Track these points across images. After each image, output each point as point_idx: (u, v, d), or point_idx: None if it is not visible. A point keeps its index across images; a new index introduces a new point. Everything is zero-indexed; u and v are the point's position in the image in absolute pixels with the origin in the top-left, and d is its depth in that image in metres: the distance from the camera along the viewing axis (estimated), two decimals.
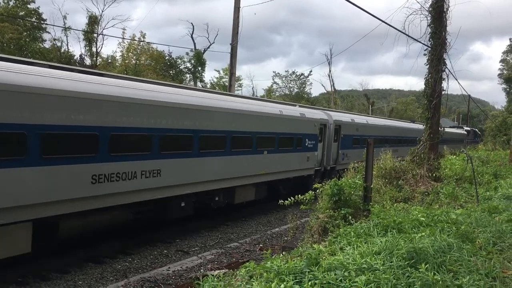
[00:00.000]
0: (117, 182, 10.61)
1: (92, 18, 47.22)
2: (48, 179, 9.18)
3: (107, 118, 10.34)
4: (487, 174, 15.85)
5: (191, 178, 13.25)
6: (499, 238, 6.93)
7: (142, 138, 11.43)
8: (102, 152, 10.22)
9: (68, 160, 9.57)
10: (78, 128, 9.72)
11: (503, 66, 69.70)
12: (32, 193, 8.89)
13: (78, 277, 10.18)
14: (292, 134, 18.65)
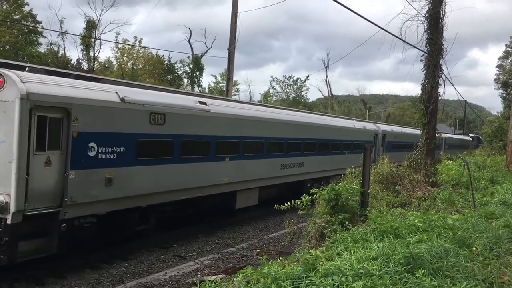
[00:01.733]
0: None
1: (89, 23, 47.24)
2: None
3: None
4: (483, 180, 15.87)
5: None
6: (496, 244, 6.93)
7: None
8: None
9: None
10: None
11: (499, 71, 70.01)
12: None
13: (74, 282, 10.13)
14: (360, 141, 25.26)
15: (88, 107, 10.18)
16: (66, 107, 9.70)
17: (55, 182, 9.63)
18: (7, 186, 8.80)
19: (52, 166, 9.57)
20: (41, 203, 9.36)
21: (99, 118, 10.50)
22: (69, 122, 9.77)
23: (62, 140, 9.73)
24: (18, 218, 8.90)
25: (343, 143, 23.78)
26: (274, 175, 17.97)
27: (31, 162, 9.12)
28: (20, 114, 8.82)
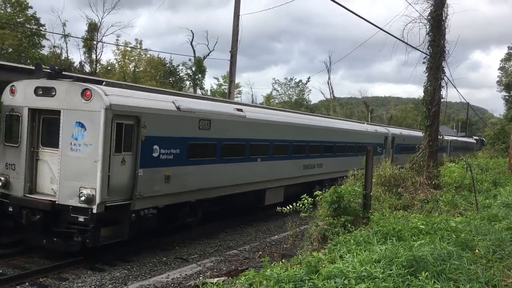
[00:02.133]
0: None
1: (91, 26, 47.36)
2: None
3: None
4: (486, 182, 15.84)
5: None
6: (499, 246, 6.91)
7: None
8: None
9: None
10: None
11: (502, 73, 69.91)
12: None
13: (76, 284, 10.13)
14: (372, 143, 25.22)
15: (153, 115, 12.05)
16: (137, 115, 11.57)
17: (128, 179, 11.46)
18: (93, 182, 10.62)
19: (126, 165, 11.39)
20: (117, 196, 11.16)
21: (161, 124, 12.33)
22: (139, 128, 11.61)
23: (133, 143, 11.55)
24: (101, 208, 10.69)
25: (357, 145, 25.08)
26: (297, 175, 19.64)
27: (111, 161, 10.92)
28: (104, 122, 10.65)
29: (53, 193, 11.25)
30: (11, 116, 11.89)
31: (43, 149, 11.61)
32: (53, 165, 11.31)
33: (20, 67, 14.52)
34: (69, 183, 10.90)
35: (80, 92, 10.88)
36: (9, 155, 11.88)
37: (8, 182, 11.73)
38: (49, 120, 11.54)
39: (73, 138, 10.92)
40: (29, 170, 11.55)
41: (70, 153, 10.96)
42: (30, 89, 11.54)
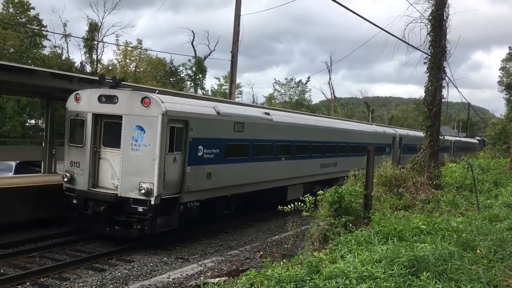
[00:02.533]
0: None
1: (92, 26, 47.40)
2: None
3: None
4: (487, 182, 15.82)
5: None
6: (500, 246, 6.90)
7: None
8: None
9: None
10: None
11: (503, 73, 69.88)
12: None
13: (77, 284, 10.14)
14: (381, 144, 28.46)
15: (198, 119, 13.75)
16: (186, 120, 13.26)
17: (178, 175, 13.12)
18: (151, 177, 12.23)
19: (176, 163, 13.06)
20: (170, 190, 12.80)
21: (204, 127, 14.02)
22: (187, 131, 13.26)
23: (182, 144, 13.20)
24: (157, 200, 12.29)
25: (369, 145, 26.20)
26: (315, 173, 21.22)
27: (166, 160, 12.53)
28: (161, 125, 12.28)
29: (113, 187, 12.90)
30: (76, 120, 13.59)
31: (104, 149, 13.33)
32: (113, 163, 12.98)
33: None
34: (129, 178, 12.53)
35: (140, 100, 12.52)
36: (73, 154, 13.56)
37: (73, 177, 13.36)
38: (110, 124, 13.22)
39: (134, 139, 12.56)
40: (92, 167, 13.22)
41: (131, 152, 12.58)
42: (94, 97, 13.17)
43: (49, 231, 13.99)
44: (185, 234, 14.59)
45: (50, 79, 14.67)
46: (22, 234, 13.35)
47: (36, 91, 17.43)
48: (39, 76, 14.36)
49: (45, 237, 13.51)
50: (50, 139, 17.40)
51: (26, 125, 43.55)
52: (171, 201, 12.89)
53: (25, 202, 13.86)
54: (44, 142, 17.55)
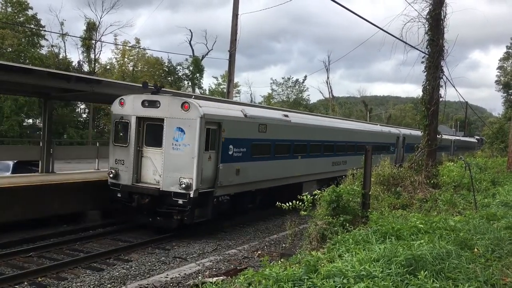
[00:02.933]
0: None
1: (90, 25, 47.30)
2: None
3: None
4: (485, 181, 15.84)
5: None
6: (498, 245, 6.92)
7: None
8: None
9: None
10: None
11: (500, 73, 70.00)
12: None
13: (75, 284, 10.12)
14: (386, 143, 30.41)
15: (229, 121, 15.23)
16: (219, 122, 14.69)
17: (212, 171, 14.57)
18: (191, 173, 13.70)
19: (211, 161, 14.52)
20: (206, 185, 14.27)
21: (234, 128, 15.49)
22: (220, 132, 14.70)
23: (216, 143, 14.63)
24: (196, 194, 13.76)
25: (375, 145, 27.18)
26: (327, 170, 22.43)
27: (203, 158, 13.97)
28: (199, 127, 13.73)
29: (155, 182, 14.36)
30: (120, 122, 15.08)
31: (147, 148, 14.77)
32: (155, 161, 14.45)
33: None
34: (171, 174, 13.95)
35: (180, 104, 13.96)
36: (118, 153, 14.94)
37: (117, 174, 14.77)
38: (152, 126, 14.60)
39: (174, 140, 13.99)
40: (136, 164, 14.65)
41: (172, 151, 14.02)
42: (138, 101, 14.60)
43: (47, 231, 13.99)
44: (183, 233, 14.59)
45: (48, 79, 14.65)
46: (20, 234, 13.34)
47: (34, 90, 17.41)
48: (37, 75, 14.34)
49: (43, 236, 13.51)
50: (48, 139, 17.37)
51: (23, 124, 43.50)
52: (207, 194, 14.38)
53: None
54: (42, 142, 17.52)
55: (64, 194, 15.10)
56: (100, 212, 16.34)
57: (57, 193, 14.89)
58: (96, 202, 16.07)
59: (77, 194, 15.55)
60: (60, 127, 42.14)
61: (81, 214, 15.85)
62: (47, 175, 16.64)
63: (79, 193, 15.63)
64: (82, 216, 15.83)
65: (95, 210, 16.22)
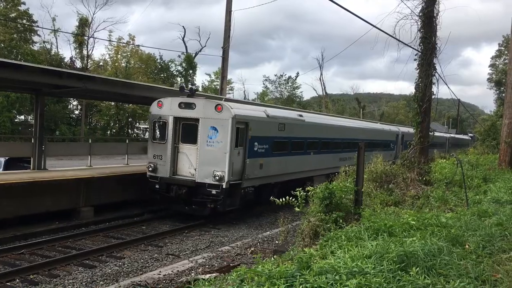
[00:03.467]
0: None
1: (82, 21, 46.96)
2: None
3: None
4: (476, 178, 15.94)
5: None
6: (489, 242, 6.96)
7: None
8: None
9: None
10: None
11: (492, 70, 70.41)
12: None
13: (67, 281, 10.08)
14: (387, 140, 32.25)
15: (255, 121, 16.87)
16: (247, 121, 16.36)
17: (241, 165, 16.21)
18: (223, 167, 15.39)
19: (240, 156, 16.14)
20: (235, 177, 15.92)
21: (258, 127, 17.07)
22: (247, 130, 16.36)
23: (244, 140, 16.26)
24: (227, 185, 15.47)
25: (377, 141, 29.86)
26: (335, 165, 22.60)
27: (233, 153, 15.63)
28: (231, 126, 15.42)
29: (190, 175, 16.08)
30: (158, 122, 16.78)
31: (182, 145, 16.48)
32: (190, 156, 16.18)
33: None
34: (205, 167, 15.65)
35: (213, 106, 15.68)
36: (156, 149, 16.66)
37: (156, 167, 16.45)
38: (188, 125, 16.31)
39: (208, 137, 15.67)
40: (173, 159, 16.38)
41: (206, 147, 15.73)
42: (175, 103, 16.39)
43: (39, 228, 13.92)
44: (176, 230, 14.54)
45: (39, 75, 14.56)
46: (11, 231, 13.27)
47: (26, 86, 17.27)
48: (29, 71, 14.26)
49: (35, 234, 13.44)
50: (40, 135, 17.26)
51: (15, 121, 43.17)
52: (236, 186, 16.04)
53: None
54: (34, 138, 17.41)
55: (56, 191, 15.03)
56: (93, 208, 16.28)
57: (49, 190, 14.81)
58: (90, 199, 16.04)
59: (69, 191, 15.48)
60: (52, 123, 41.89)
61: (74, 211, 15.77)
62: (39, 172, 16.54)
63: (72, 190, 15.56)
64: (75, 213, 15.76)
65: (88, 207, 16.15)
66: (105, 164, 20.82)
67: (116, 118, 50.55)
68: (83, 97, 33.82)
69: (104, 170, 18.13)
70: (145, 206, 18.10)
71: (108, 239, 13.82)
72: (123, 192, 17.76)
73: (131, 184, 18.09)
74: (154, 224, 16.15)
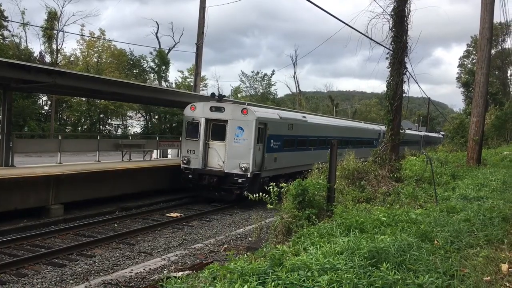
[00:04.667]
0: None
1: (51, 14, 45.88)
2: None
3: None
4: (445, 175, 16.23)
5: None
6: (457, 237, 7.09)
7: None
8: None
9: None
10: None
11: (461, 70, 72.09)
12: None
13: (35, 280, 9.87)
14: (371, 138, 35.38)
15: (271, 122, 20.38)
16: (266, 122, 19.86)
17: (261, 159, 19.72)
18: (248, 160, 18.89)
19: (260, 151, 19.65)
20: (257, 168, 19.39)
21: (274, 127, 20.52)
22: (266, 130, 19.83)
23: (263, 138, 19.71)
24: (251, 175, 18.92)
25: (365, 139, 34.07)
26: None
27: (255, 149, 19.09)
28: (255, 127, 18.92)
29: (219, 167, 19.51)
30: (192, 123, 20.08)
31: (212, 142, 19.86)
32: (219, 151, 19.61)
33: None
34: (232, 160, 19.10)
35: (240, 110, 19.25)
36: (189, 145, 20.02)
37: (189, 160, 19.83)
38: (217, 125, 19.66)
39: (235, 135, 19.07)
40: (204, 153, 19.77)
41: (233, 144, 19.13)
42: (207, 107, 19.84)
43: (6, 226, 13.58)
44: (149, 227, 14.37)
45: (7, 69, 14.17)
46: None
47: None
48: None
49: (2, 232, 13.12)
50: (7, 131, 16.82)
51: None
52: (257, 175, 19.42)
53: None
54: (1, 134, 16.95)
55: (25, 189, 14.68)
56: (63, 206, 15.97)
57: (17, 187, 14.45)
58: (60, 196, 15.72)
59: (38, 189, 15.14)
60: (21, 119, 40.85)
61: (43, 209, 15.44)
62: (7, 169, 16.12)
63: (41, 188, 15.22)
64: (44, 211, 15.43)
65: (58, 205, 15.83)
66: (75, 161, 20.45)
67: (87, 114, 49.68)
68: (55, 93, 33.03)
69: (75, 167, 17.79)
70: (117, 204, 17.89)
71: (78, 237, 13.60)
72: (95, 190, 17.47)
73: (103, 181, 17.83)
74: (126, 222, 15.96)
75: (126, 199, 18.83)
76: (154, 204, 19.30)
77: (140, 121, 60.80)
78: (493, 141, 45.87)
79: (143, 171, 20.20)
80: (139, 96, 22.20)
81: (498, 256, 6.53)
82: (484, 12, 20.90)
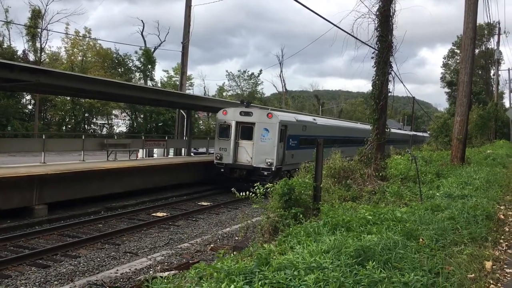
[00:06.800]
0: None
1: (35, 12, 45.32)
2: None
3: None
4: (430, 174, 16.34)
5: None
6: (441, 235, 7.15)
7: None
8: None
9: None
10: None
11: (445, 70, 72.85)
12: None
13: (19, 281, 9.74)
14: (362, 137, 36.18)
15: (290, 124, 24.25)
16: (286, 124, 23.59)
17: (282, 155, 23.27)
18: (272, 156, 22.42)
19: (281, 148, 23.19)
20: (279, 163, 22.85)
21: (292, 128, 24.36)
22: (287, 130, 23.54)
23: (284, 137, 23.31)
24: (275, 169, 22.32)
25: (361, 138, 33.73)
26: None
27: (278, 147, 22.61)
28: (278, 128, 22.60)
29: (247, 162, 23.07)
30: (223, 125, 23.62)
31: (241, 141, 23.37)
32: (248, 149, 23.10)
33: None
34: (259, 156, 22.67)
35: (266, 114, 23.22)
36: (221, 144, 23.51)
37: (221, 157, 23.31)
38: (246, 127, 23.29)
39: (262, 136, 22.70)
40: (234, 150, 23.25)
41: (260, 142, 22.77)
42: (237, 112, 23.55)
43: None
44: (134, 227, 14.28)
45: None
46: None
47: None
48: None
49: None
50: None
51: None
52: (279, 169, 22.76)
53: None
54: None
55: (8, 189, 14.48)
56: (47, 206, 15.78)
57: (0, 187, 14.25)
58: (44, 196, 15.53)
59: (22, 189, 14.94)
60: (4, 118, 40.32)
61: (27, 209, 15.24)
62: None
63: (24, 188, 15.03)
64: (28, 211, 15.23)
65: (41, 205, 15.64)
66: (60, 161, 20.22)
67: (72, 113, 49.16)
68: (39, 92, 32.63)
69: (59, 167, 17.59)
70: (103, 204, 17.74)
71: (63, 238, 13.45)
72: (79, 190, 17.30)
73: (88, 181, 17.66)
74: (111, 222, 15.83)
75: (112, 199, 18.67)
76: (140, 204, 19.17)
77: (126, 120, 60.38)
78: (476, 140, 46.36)
79: (129, 171, 20.04)
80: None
81: (482, 253, 6.61)
82: (468, 12, 21.10)
